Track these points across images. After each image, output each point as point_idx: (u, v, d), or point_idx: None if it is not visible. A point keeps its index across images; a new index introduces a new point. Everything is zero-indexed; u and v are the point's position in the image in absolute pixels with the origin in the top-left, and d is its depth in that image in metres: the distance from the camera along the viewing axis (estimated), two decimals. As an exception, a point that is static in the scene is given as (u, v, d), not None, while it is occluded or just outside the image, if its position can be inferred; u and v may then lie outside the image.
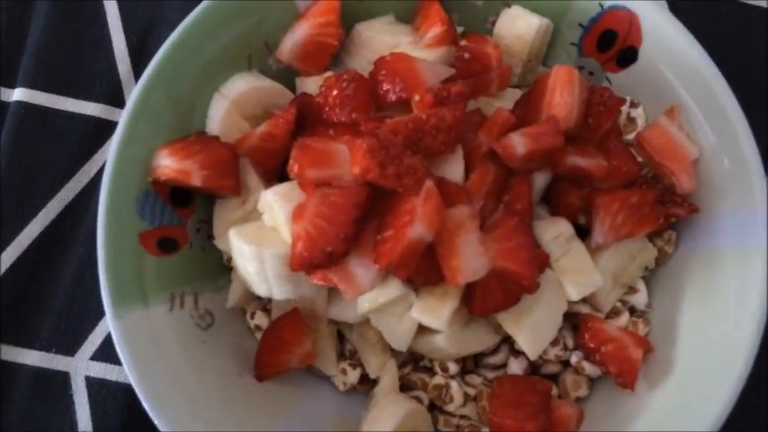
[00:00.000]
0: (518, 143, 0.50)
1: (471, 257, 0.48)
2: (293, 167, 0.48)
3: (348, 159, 0.48)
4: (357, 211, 0.47)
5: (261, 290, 0.52)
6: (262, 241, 0.51)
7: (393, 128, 0.48)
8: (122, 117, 0.54)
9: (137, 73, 0.71)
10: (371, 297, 0.51)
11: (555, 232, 0.53)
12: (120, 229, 0.52)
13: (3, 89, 0.70)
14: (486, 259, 0.48)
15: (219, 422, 0.51)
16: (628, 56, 0.58)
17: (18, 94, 0.69)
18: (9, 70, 0.71)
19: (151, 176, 0.54)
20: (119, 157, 0.53)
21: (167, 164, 0.53)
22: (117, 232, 0.52)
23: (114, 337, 0.50)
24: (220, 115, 0.57)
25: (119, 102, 0.70)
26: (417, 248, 0.46)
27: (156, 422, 0.49)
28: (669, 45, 0.56)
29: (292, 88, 0.61)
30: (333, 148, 0.49)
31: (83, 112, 0.69)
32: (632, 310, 0.56)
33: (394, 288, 0.50)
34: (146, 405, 0.49)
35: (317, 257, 0.47)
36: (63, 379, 0.63)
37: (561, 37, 0.61)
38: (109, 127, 0.69)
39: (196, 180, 0.53)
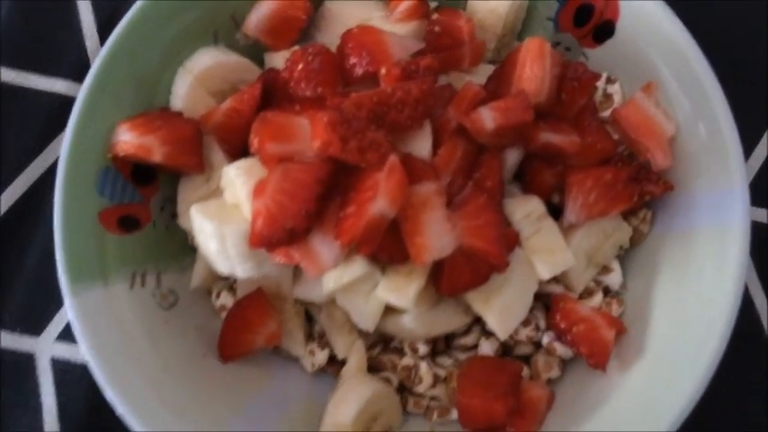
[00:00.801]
0: (487, 117, 0.48)
1: (437, 235, 0.47)
2: (253, 141, 0.47)
3: (310, 134, 0.47)
4: (320, 188, 0.46)
5: (223, 268, 0.50)
6: (223, 218, 0.49)
7: (357, 101, 0.47)
8: (81, 92, 0.52)
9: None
10: (336, 276, 0.49)
11: (526, 210, 0.52)
12: (79, 206, 0.51)
13: (-31, 65, 0.69)
14: (452, 237, 0.47)
15: (182, 403, 0.50)
16: (605, 30, 0.57)
17: (-17, 70, 0.68)
18: (-25, 47, 0.69)
19: (111, 152, 0.52)
20: (77, 133, 0.51)
21: (127, 139, 0.51)
22: (75, 210, 0.51)
23: (70, 316, 0.49)
24: (184, 91, 0.55)
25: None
26: (380, 225, 0.45)
27: (114, 403, 0.47)
28: (647, 19, 0.55)
29: (261, 64, 0.59)
30: (294, 122, 0.47)
31: (50, 90, 0.68)
32: (606, 291, 0.55)
33: (358, 266, 0.49)
34: (103, 386, 0.47)
35: (278, 234, 0.46)
36: (28, 360, 0.62)
37: (537, 12, 0.59)
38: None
39: (157, 156, 0.52)
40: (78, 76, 0.68)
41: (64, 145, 0.51)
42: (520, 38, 0.61)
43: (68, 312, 0.49)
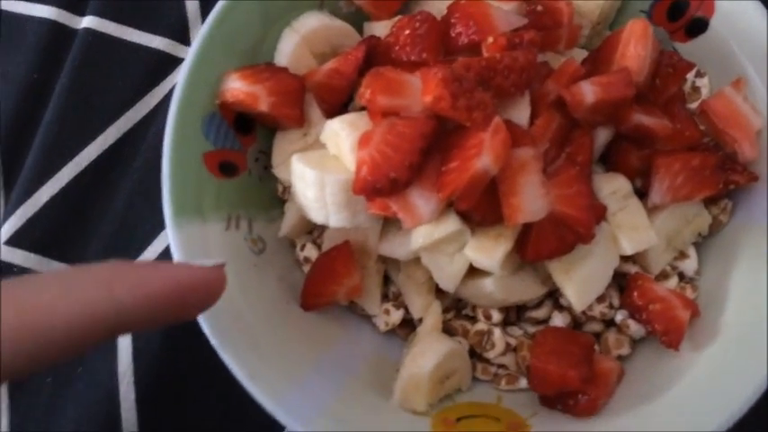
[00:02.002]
0: (587, 91, 0.50)
1: (532, 198, 0.48)
2: (365, 93, 0.49)
3: (419, 91, 0.49)
4: (423, 142, 0.48)
5: (318, 216, 0.52)
6: (324, 167, 0.51)
7: (466, 64, 0.49)
8: (195, 41, 0.55)
9: (204, 11, 0.72)
10: (426, 232, 0.51)
11: (613, 187, 0.53)
12: (186, 147, 0.53)
13: (73, 16, 0.72)
14: (545, 201, 0.49)
15: (263, 342, 0.52)
16: (697, 26, 0.58)
17: (87, 22, 0.71)
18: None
19: (219, 99, 0.55)
20: (190, 76, 0.54)
21: (237, 86, 0.54)
22: (182, 150, 0.53)
23: (172, 246, 0.50)
24: (290, 49, 0.58)
25: (184, 39, 0.71)
26: (481, 181, 0.47)
27: (204, 328, 0.49)
28: (741, 18, 0.56)
29: (360, 33, 0.61)
30: (405, 78, 0.49)
31: (148, 45, 0.71)
32: (681, 276, 0.56)
33: (450, 224, 0.50)
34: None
35: (381, 182, 0.48)
36: (106, 300, 0.64)
37: (632, 4, 0.61)
38: (172, 62, 0.71)
39: (263, 105, 0.54)
40: (176, 36, 0.71)
41: (177, 88, 0.53)
42: (611, 28, 0.62)
43: (170, 242, 0.50)
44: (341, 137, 0.51)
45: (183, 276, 0.39)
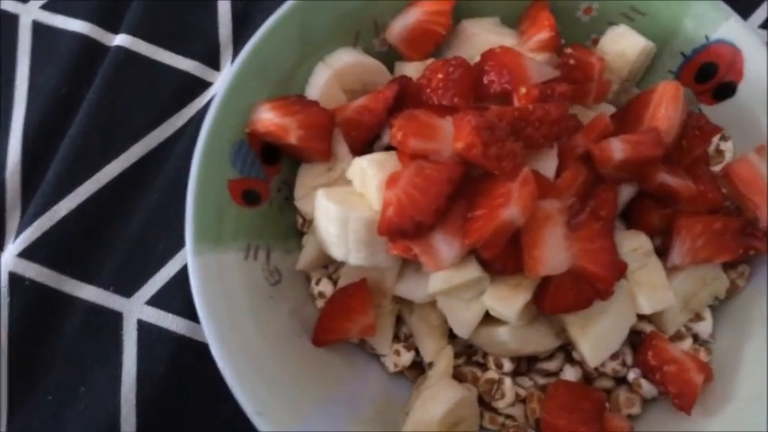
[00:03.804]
0: (616, 148, 0.50)
1: (554, 251, 0.48)
2: (396, 134, 0.49)
3: (450, 136, 0.49)
4: (450, 187, 0.48)
5: (338, 253, 0.52)
6: (348, 204, 0.51)
7: (499, 112, 0.49)
8: (231, 69, 0.55)
9: (236, 38, 0.73)
10: (446, 276, 0.51)
11: (635, 244, 0.53)
12: (212, 172, 0.53)
13: (106, 33, 0.73)
14: (568, 255, 0.49)
15: (272, 373, 0.51)
16: (725, 90, 0.59)
17: (120, 40, 0.71)
18: (113, 17, 0.73)
19: (250, 127, 0.55)
20: (224, 102, 0.54)
21: (268, 117, 0.54)
22: (209, 174, 0.53)
23: (191, 273, 0.50)
24: (322, 83, 0.58)
25: (214, 63, 0.72)
26: (507, 230, 0.47)
27: (212, 350, 0.49)
28: (769, 86, 0.57)
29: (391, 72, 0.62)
30: (437, 123, 0.50)
31: (178, 67, 0.71)
32: (695, 338, 0.56)
33: (471, 270, 0.50)
34: (207, 335, 0.49)
35: (406, 224, 0.48)
36: (116, 319, 0.63)
37: (660, 63, 0.62)
38: (201, 85, 0.71)
39: (292, 138, 0.54)
40: (206, 60, 0.72)
41: (210, 112, 0.54)
42: (639, 86, 0.63)
43: (189, 269, 0.50)
44: (368, 175, 0.51)
45: None
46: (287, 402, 0.51)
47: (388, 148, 0.55)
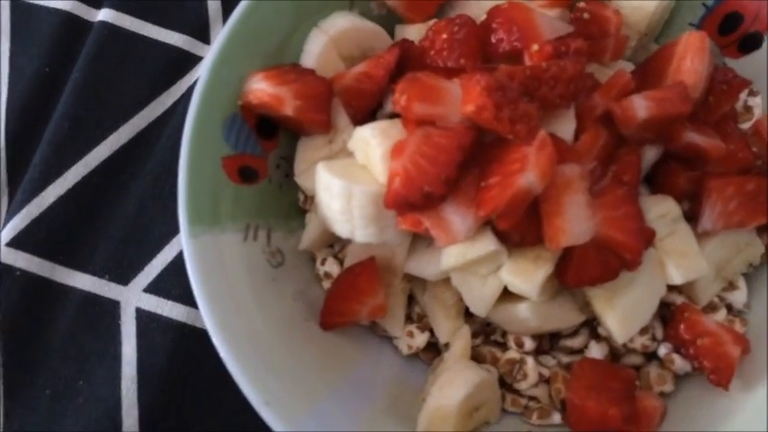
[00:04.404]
0: (640, 106, 0.46)
1: (577, 219, 0.45)
2: (400, 100, 0.45)
3: (458, 99, 0.45)
4: (460, 154, 0.44)
5: (343, 230, 0.49)
6: (352, 177, 0.48)
7: (510, 72, 0.45)
8: (219, 38, 0.52)
9: (226, 9, 0.69)
10: (460, 251, 0.47)
11: (662, 210, 0.50)
12: (205, 149, 0.50)
13: (89, 9, 0.69)
14: (591, 224, 0.45)
15: (278, 361, 0.48)
16: (751, 42, 0.55)
17: (103, 15, 0.68)
18: (96, -9, 0.70)
19: (242, 99, 0.51)
20: (212, 75, 0.51)
21: (261, 87, 0.51)
22: (201, 153, 0.50)
23: (186, 257, 0.47)
24: (318, 50, 0.55)
25: (203, 37, 0.69)
26: (525, 199, 0.43)
27: (213, 339, 0.45)
28: (799, 34, 0.53)
29: (391, 36, 0.58)
30: (443, 85, 0.46)
31: (166, 41, 0.68)
32: (729, 308, 0.53)
33: (486, 243, 0.47)
34: (207, 323, 0.46)
35: (414, 196, 0.44)
36: (113, 308, 0.60)
37: (680, 15, 0.58)
38: (191, 59, 0.68)
39: (288, 109, 0.51)
40: (196, 33, 0.68)
41: (197, 87, 0.50)
42: (657, 41, 0.59)
43: (185, 253, 0.47)
44: (371, 145, 0.47)
45: None
46: (295, 391, 0.48)
47: (392, 116, 0.51)
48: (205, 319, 0.46)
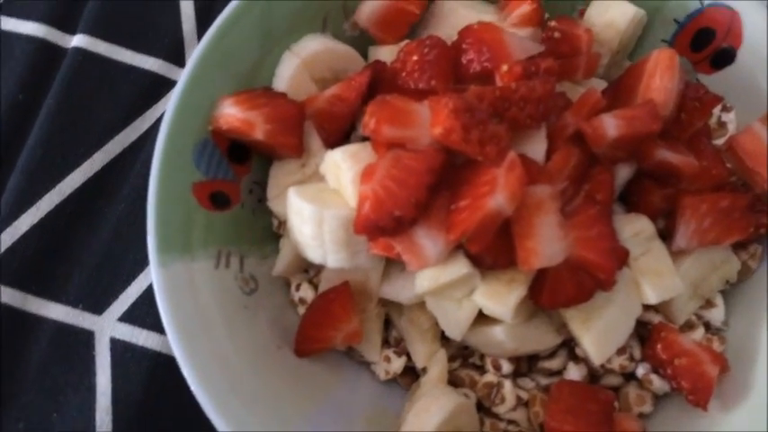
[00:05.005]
0: (610, 125, 0.46)
1: (549, 240, 0.44)
2: (369, 122, 0.45)
3: (427, 121, 0.45)
4: (430, 177, 0.44)
5: (315, 255, 0.48)
6: (322, 202, 0.47)
7: (479, 93, 0.45)
8: (189, 63, 0.51)
9: (200, 34, 0.69)
10: (433, 275, 0.47)
11: (636, 229, 0.49)
12: (175, 175, 0.49)
13: (63, 35, 0.68)
14: (563, 245, 0.45)
15: (250, 391, 0.47)
16: (724, 57, 0.55)
17: (77, 41, 0.67)
18: (69, 17, 0.69)
19: (212, 125, 0.51)
20: (182, 100, 0.50)
21: (231, 112, 0.50)
22: (171, 179, 0.49)
23: (155, 286, 0.46)
24: (290, 73, 0.54)
25: (179, 60, 0.68)
26: (495, 221, 0.43)
27: (182, 369, 0.45)
28: (771, 49, 0.53)
29: (364, 58, 0.58)
30: (413, 108, 0.45)
31: (141, 66, 0.67)
32: (707, 326, 0.52)
33: (459, 267, 0.46)
34: (175, 352, 0.45)
35: (384, 220, 0.44)
36: (87, 338, 0.59)
37: (652, 32, 0.58)
38: (166, 84, 0.67)
39: (259, 133, 0.50)
40: (170, 57, 0.68)
41: (167, 113, 0.50)
42: (631, 58, 0.59)
43: (154, 282, 0.46)
44: (342, 169, 0.47)
45: None
46: (267, 419, 0.47)
47: (366, 139, 0.51)
48: (174, 348, 0.45)
